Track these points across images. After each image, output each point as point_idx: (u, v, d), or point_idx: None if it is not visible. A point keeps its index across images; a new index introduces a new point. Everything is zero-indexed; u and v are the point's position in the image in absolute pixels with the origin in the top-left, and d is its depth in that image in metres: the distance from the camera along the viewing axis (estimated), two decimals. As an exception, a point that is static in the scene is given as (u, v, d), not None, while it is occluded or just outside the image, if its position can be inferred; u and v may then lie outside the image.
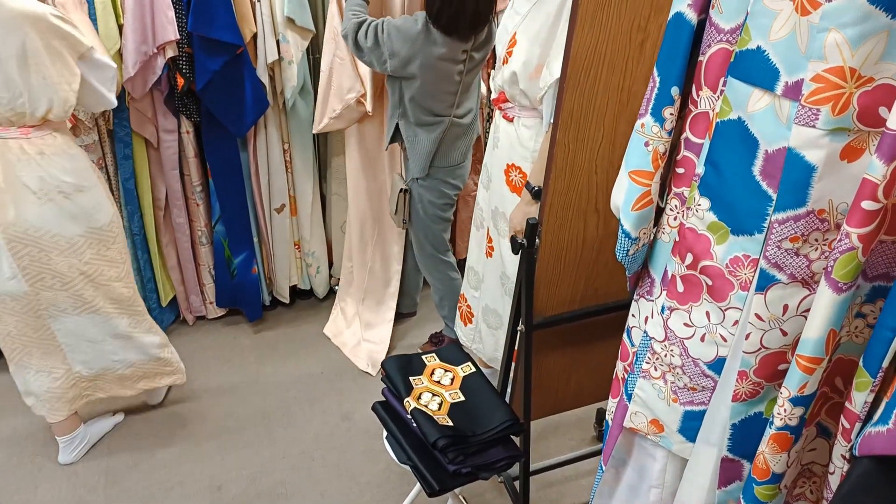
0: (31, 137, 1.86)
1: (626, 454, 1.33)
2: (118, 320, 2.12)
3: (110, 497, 2.14)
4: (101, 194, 2.01)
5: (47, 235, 1.92)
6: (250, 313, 2.91)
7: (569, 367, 2.06)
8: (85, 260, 2.00)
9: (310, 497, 2.16)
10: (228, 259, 2.78)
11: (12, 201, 1.86)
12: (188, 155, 2.58)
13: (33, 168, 1.86)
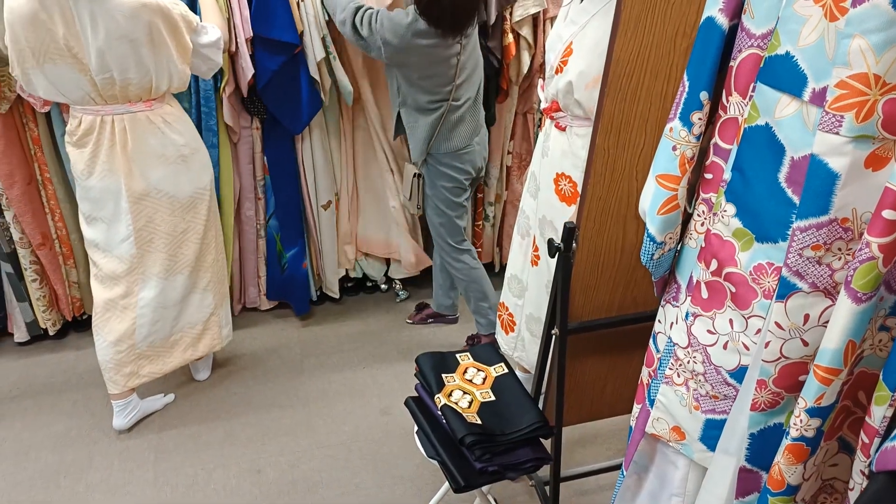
0: (153, 109, 2.11)
1: (649, 461, 1.32)
2: (189, 282, 2.33)
3: (157, 473, 2.25)
4: (206, 154, 2.29)
5: (165, 197, 2.19)
6: (298, 308, 3.00)
7: (605, 375, 2.05)
8: (187, 219, 2.26)
9: (345, 486, 2.21)
10: (280, 253, 2.88)
11: (140, 167, 2.12)
12: (255, 150, 2.70)
13: (158, 136, 2.12)
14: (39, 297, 2.73)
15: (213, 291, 2.42)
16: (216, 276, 2.42)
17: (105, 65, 1.96)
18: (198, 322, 2.41)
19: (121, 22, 1.90)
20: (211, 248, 2.37)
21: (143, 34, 1.94)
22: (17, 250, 2.64)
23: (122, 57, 1.96)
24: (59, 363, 2.75)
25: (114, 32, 1.91)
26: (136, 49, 1.96)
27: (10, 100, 2.37)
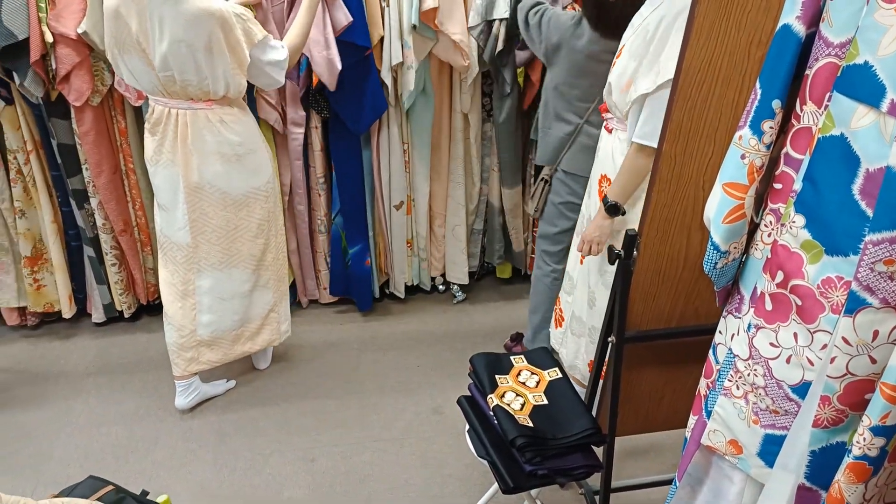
0: (213, 108, 2.17)
1: (703, 473, 1.30)
2: (248, 277, 2.40)
3: (217, 454, 2.34)
4: (264, 156, 2.34)
5: (217, 192, 2.25)
6: (361, 303, 3.07)
7: (661, 387, 2.01)
8: (240, 216, 2.31)
9: (395, 481, 2.25)
10: (345, 249, 2.95)
11: (197, 160, 2.20)
12: (315, 148, 2.77)
13: (215, 133, 2.18)
14: (117, 280, 2.88)
15: (272, 289, 2.49)
16: (276, 273, 2.49)
17: (167, 64, 2.04)
18: (257, 317, 2.49)
19: (183, 27, 1.97)
20: (270, 247, 2.44)
21: (201, 41, 2.00)
22: (99, 235, 2.80)
23: (182, 60, 2.03)
24: (132, 344, 2.90)
25: (176, 36, 1.98)
26: (194, 54, 2.02)
27: (102, 93, 2.52)
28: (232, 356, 2.51)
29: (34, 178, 2.65)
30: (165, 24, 1.97)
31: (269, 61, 2.16)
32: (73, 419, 2.49)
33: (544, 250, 2.60)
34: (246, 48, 2.08)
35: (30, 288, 2.83)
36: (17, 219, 2.70)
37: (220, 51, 2.04)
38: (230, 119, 2.20)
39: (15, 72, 2.37)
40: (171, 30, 1.98)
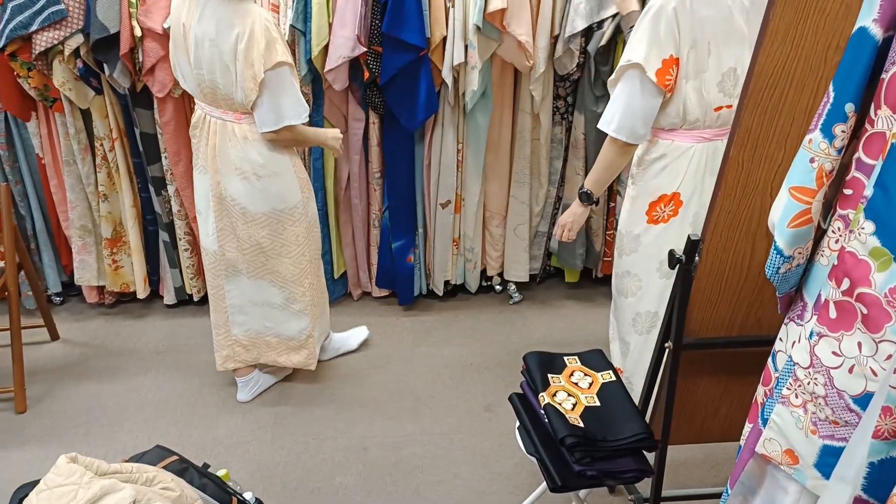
0: (241, 123, 2.11)
1: (757, 483, 1.27)
2: (278, 292, 2.36)
3: (275, 436, 2.43)
4: (292, 181, 2.22)
5: (237, 207, 2.21)
6: (401, 298, 3.11)
7: (719, 397, 1.98)
8: (263, 234, 2.25)
9: (444, 475, 2.28)
10: (391, 245, 2.99)
11: (220, 172, 2.18)
12: (372, 143, 2.84)
13: (237, 149, 2.13)
14: (189, 265, 3.02)
15: (309, 315, 2.44)
16: (314, 299, 2.44)
17: (199, 61, 2.03)
18: (294, 338, 2.48)
19: (216, 24, 1.95)
20: (307, 272, 2.37)
21: (228, 44, 1.96)
22: (174, 221, 2.94)
23: (211, 59, 2.00)
24: (199, 327, 3.03)
25: (208, 32, 1.97)
26: (222, 56, 1.98)
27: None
28: (266, 360, 2.52)
29: (117, 165, 2.80)
30: (205, 19, 1.97)
31: (275, 94, 2.01)
32: (142, 394, 2.63)
33: None
34: (260, 65, 1.96)
35: (108, 268, 2.99)
36: (101, 202, 2.87)
37: (240, 58, 1.97)
38: (253, 137, 2.12)
39: (105, 63, 2.53)
40: (205, 25, 1.97)
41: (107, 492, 1.42)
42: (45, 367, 2.76)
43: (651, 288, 2.09)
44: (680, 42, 1.79)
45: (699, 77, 1.85)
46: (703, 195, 1.98)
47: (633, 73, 1.83)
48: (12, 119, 2.74)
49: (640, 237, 2.05)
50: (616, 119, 1.88)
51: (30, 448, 2.36)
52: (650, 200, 2.00)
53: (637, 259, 2.07)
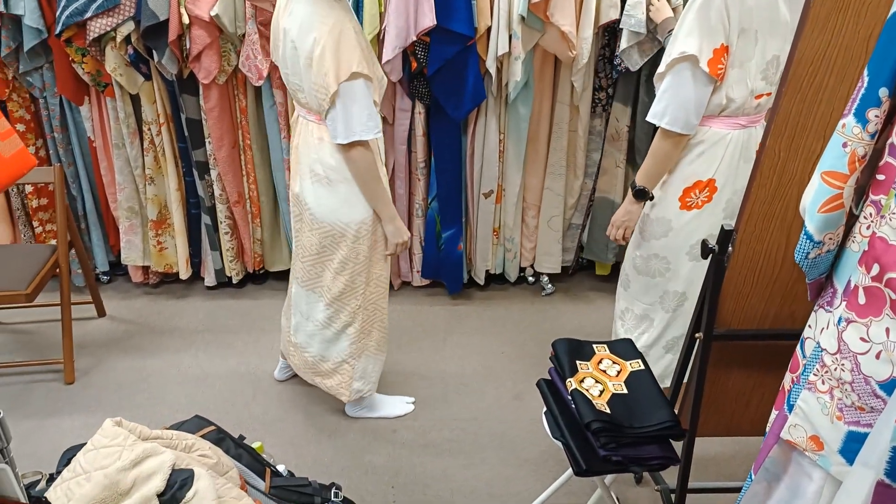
0: (320, 124, 2.01)
1: (781, 469, 1.27)
2: (323, 309, 2.25)
3: (307, 415, 2.50)
4: (359, 193, 2.06)
5: (307, 210, 2.13)
6: (451, 287, 3.15)
7: (749, 390, 1.96)
8: (324, 245, 2.14)
9: (471, 459, 2.31)
10: (438, 233, 3.04)
11: (299, 172, 2.13)
12: (417, 133, 2.87)
13: (313, 151, 2.05)
14: (229, 248, 3.11)
15: (349, 339, 2.28)
16: (359, 325, 2.27)
17: (284, 59, 1.97)
18: (330, 359, 2.33)
19: (298, 25, 1.88)
20: (356, 293, 2.21)
21: (305, 48, 1.87)
22: (216, 205, 3.03)
23: (292, 59, 1.93)
24: (238, 309, 3.12)
25: (292, 32, 1.89)
26: (297, 58, 1.91)
27: (228, 73, 2.73)
28: (301, 375, 2.46)
29: (164, 149, 2.90)
30: (291, 15, 1.92)
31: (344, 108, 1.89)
32: (183, 370, 2.72)
33: None
34: (335, 77, 1.85)
35: (153, 249, 3.10)
36: (147, 185, 2.97)
37: (314, 66, 1.87)
38: (328, 139, 2.00)
39: (154, 50, 2.62)
40: (291, 22, 1.91)
41: (148, 454, 1.50)
42: (92, 342, 2.88)
43: (680, 270, 2.09)
44: (730, 30, 1.78)
45: (744, 66, 1.85)
46: (737, 182, 1.98)
47: (685, 65, 1.82)
48: (67, 103, 2.86)
49: (672, 222, 2.04)
50: (669, 111, 1.87)
51: (77, 416, 2.47)
52: (685, 186, 2.00)
53: (667, 243, 2.07)
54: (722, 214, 2.01)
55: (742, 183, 1.99)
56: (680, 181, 2.01)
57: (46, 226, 3.07)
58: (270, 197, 3.11)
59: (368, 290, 2.23)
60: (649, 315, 2.22)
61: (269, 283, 3.32)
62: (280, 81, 2.76)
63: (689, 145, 1.98)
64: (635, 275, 2.20)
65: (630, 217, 2.11)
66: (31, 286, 2.45)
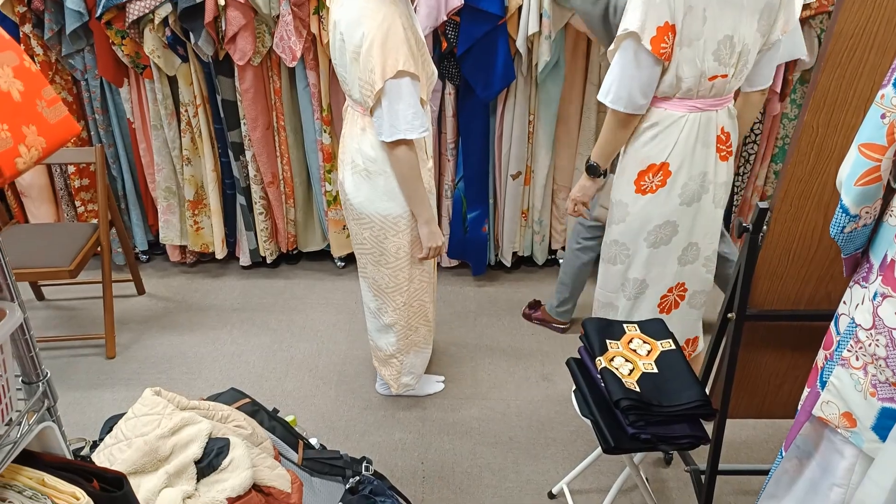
0: (364, 114, 1.97)
1: (813, 446, 1.26)
2: (373, 298, 2.27)
3: (339, 392, 2.54)
4: (397, 189, 2.03)
5: (348, 201, 2.12)
6: (475, 268, 3.16)
7: (783, 372, 1.94)
8: (366, 236, 2.13)
9: (499, 437, 2.33)
10: (464, 214, 3.05)
11: (343, 162, 2.11)
12: (447, 114, 2.87)
13: (355, 141, 2.02)
14: (263, 228, 3.16)
15: (397, 335, 2.29)
16: (405, 322, 2.27)
17: (333, 48, 1.95)
18: (382, 349, 2.35)
19: (349, 16, 1.85)
20: (402, 289, 2.20)
21: (353, 42, 1.84)
22: (251, 186, 3.08)
23: (340, 51, 1.91)
24: (271, 288, 3.18)
25: (341, 23, 1.87)
26: (344, 51, 1.89)
27: (262, 54, 2.76)
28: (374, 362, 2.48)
29: (200, 130, 2.95)
30: (342, 6, 1.87)
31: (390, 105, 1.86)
32: (218, 346, 2.79)
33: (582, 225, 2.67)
34: (381, 74, 1.82)
35: (190, 229, 3.17)
36: (184, 166, 3.03)
37: (361, 61, 1.84)
38: (372, 129, 1.96)
39: (191, 32, 2.66)
40: (342, 13, 1.87)
41: (186, 423, 1.54)
42: (132, 318, 2.97)
43: (639, 256, 2.04)
44: (675, 8, 1.71)
45: (693, 45, 1.77)
46: (693, 167, 1.91)
47: (629, 43, 1.78)
48: (107, 85, 2.93)
49: (628, 206, 1.99)
50: (613, 89, 1.83)
51: (118, 389, 2.55)
52: (639, 170, 1.94)
53: (625, 229, 2.02)
54: (678, 200, 1.94)
55: (700, 168, 1.92)
56: (634, 164, 1.95)
57: (88, 205, 3.16)
58: (304, 178, 3.15)
59: (412, 287, 2.22)
60: (613, 303, 2.18)
61: (301, 264, 3.38)
62: (314, 63, 2.78)
63: (642, 128, 1.92)
64: (601, 262, 2.17)
65: (583, 192, 2.09)
66: (74, 263, 2.53)
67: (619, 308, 2.18)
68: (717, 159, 1.94)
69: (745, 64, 1.85)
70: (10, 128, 0.68)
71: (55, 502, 0.88)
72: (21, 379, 0.97)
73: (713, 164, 1.94)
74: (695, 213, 1.98)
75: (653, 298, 2.11)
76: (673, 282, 2.09)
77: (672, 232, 2.00)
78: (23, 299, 0.93)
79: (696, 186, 1.94)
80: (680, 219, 1.98)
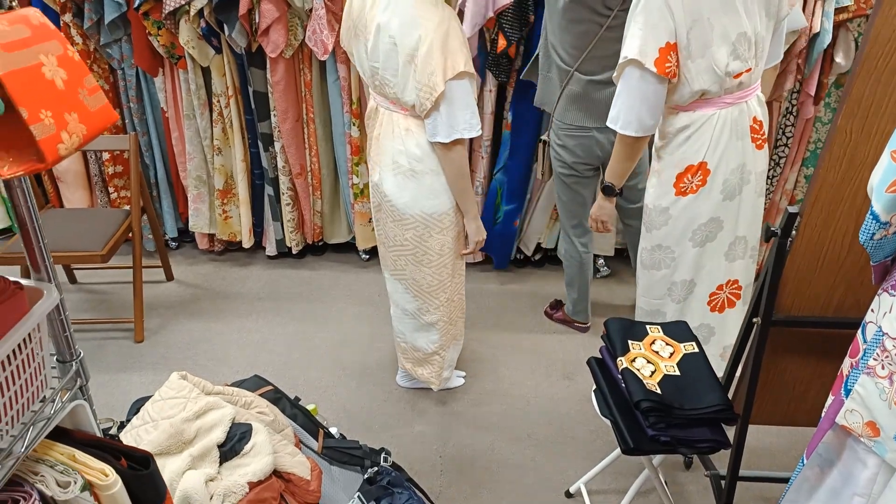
0: (407, 116, 1.97)
1: (835, 455, 1.24)
2: (412, 300, 2.24)
3: (361, 383, 2.57)
4: (443, 184, 2.04)
5: (388, 203, 2.09)
6: (499, 261, 3.16)
7: (808, 379, 1.91)
8: (408, 237, 2.11)
9: (518, 433, 2.33)
10: (498, 206, 3.04)
11: (380, 164, 2.07)
12: (486, 111, 2.87)
13: (398, 142, 2.00)
14: (289, 219, 3.20)
15: (440, 332, 2.29)
16: (448, 317, 2.28)
17: (376, 52, 1.90)
18: (421, 349, 2.35)
19: (400, 20, 1.82)
20: (445, 286, 2.20)
21: (408, 46, 1.82)
22: (279, 177, 3.12)
23: (387, 55, 1.87)
24: (297, 278, 3.22)
25: (390, 28, 1.84)
26: (398, 56, 1.85)
27: (294, 47, 2.79)
28: (400, 364, 2.47)
29: (231, 121, 3.00)
30: (388, 10, 1.84)
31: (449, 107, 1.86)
32: (244, 334, 2.84)
33: (567, 236, 2.69)
34: (442, 76, 1.81)
35: (219, 218, 3.22)
36: (215, 155, 3.08)
37: (418, 65, 1.83)
38: (418, 129, 1.96)
39: (225, 23, 2.70)
40: (388, 17, 1.84)
41: (211, 407, 1.58)
42: (160, 304, 3.03)
43: (685, 258, 2.06)
44: (676, 26, 1.73)
45: (706, 54, 1.78)
46: (731, 160, 1.93)
47: (632, 69, 1.79)
48: (142, 75, 2.99)
49: (669, 210, 2.00)
50: (622, 116, 1.85)
51: (145, 373, 2.61)
52: (677, 172, 1.95)
53: (668, 232, 2.03)
54: (720, 196, 1.96)
55: (738, 160, 1.94)
56: (672, 167, 1.96)
57: (121, 192, 3.22)
58: (331, 170, 3.18)
59: (454, 283, 2.24)
60: (660, 310, 2.19)
61: (327, 255, 3.41)
62: (345, 56, 2.80)
63: (673, 132, 1.93)
64: (642, 270, 2.18)
65: (603, 211, 2.14)
66: (106, 247, 2.59)
67: (666, 314, 2.18)
68: (754, 149, 1.96)
69: (763, 50, 1.88)
70: (54, 115, 0.70)
71: (85, 478, 0.91)
72: (55, 358, 1.01)
73: (751, 155, 1.96)
74: (738, 207, 2.00)
75: (702, 297, 2.12)
76: (723, 279, 2.11)
77: (717, 228, 2.02)
78: (59, 281, 0.96)
79: (736, 180, 1.95)
80: (724, 214, 1.99)
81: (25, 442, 0.86)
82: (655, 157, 2.03)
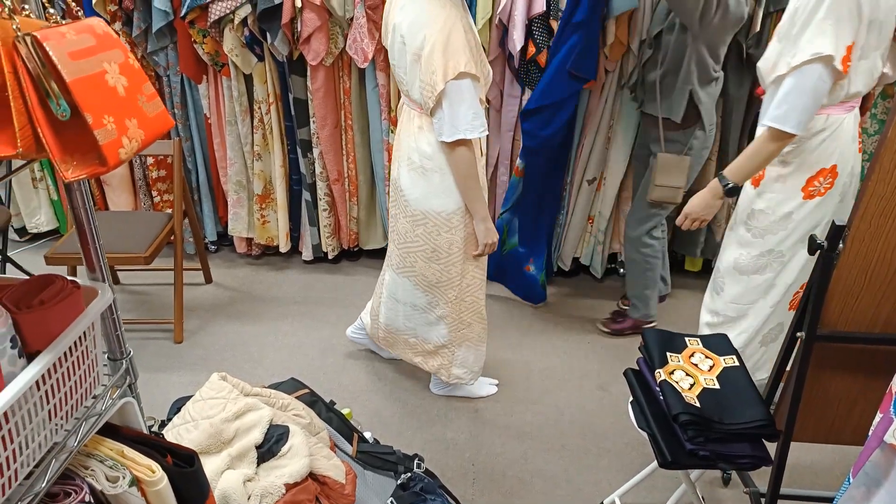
0: (421, 113, 2.04)
1: (882, 475, 1.21)
2: (421, 294, 2.28)
3: (394, 389, 2.57)
4: (453, 184, 2.07)
5: (402, 198, 2.16)
6: (534, 301, 3.10)
7: (854, 396, 1.86)
8: (417, 233, 2.17)
9: (552, 444, 2.32)
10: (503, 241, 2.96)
11: (398, 159, 2.15)
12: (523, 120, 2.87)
13: (412, 139, 2.07)
14: (326, 224, 3.23)
15: (448, 327, 2.32)
16: (456, 315, 2.30)
17: (392, 50, 1.99)
18: (431, 341, 2.37)
19: (411, 20, 1.89)
20: (454, 283, 2.23)
21: (414, 45, 1.89)
22: (316, 183, 3.16)
23: (400, 53, 1.96)
24: (332, 283, 3.25)
25: (402, 26, 1.91)
26: (405, 53, 1.93)
27: (334, 55, 2.84)
28: (404, 358, 2.49)
29: (272, 127, 3.05)
30: (403, 9, 1.92)
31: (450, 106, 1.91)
32: (279, 337, 2.87)
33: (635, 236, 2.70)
34: (443, 76, 1.87)
35: (257, 222, 3.27)
36: (255, 161, 3.14)
37: (422, 64, 1.89)
38: (429, 127, 2.02)
39: (268, 32, 2.75)
40: (402, 17, 1.92)
41: (250, 409, 1.60)
42: (199, 306, 3.09)
43: (795, 260, 2.05)
44: (860, 24, 1.71)
45: (871, 56, 1.78)
46: (850, 163, 1.95)
47: (816, 66, 1.73)
48: (187, 81, 3.06)
49: (793, 214, 1.98)
50: (794, 115, 1.78)
51: (184, 373, 2.66)
52: (808, 176, 1.94)
53: (786, 236, 2.02)
54: (838, 198, 1.98)
55: (852, 163, 1.96)
56: (802, 171, 1.95)
57: (164, 196, 3.30)
58: (368, 177, 3.21)
59: (464, 282, 2.25)
60: (747, 314, 2.15)
61: (362, 261, 3.44)
62: (384, 64, 2.83)
63: (811, 135, 1.92)
64: (735, 276, 2.13)
65: (709, 212, 2.04)
66: (149, 250, 2.65)
67: (752, 317, 2.16)
68: (856, 151, 1.97)
69: None
70: (116, 120, 0.73)
71: (133, 473, 0.93)
72: (107, 356, 1.03)
73: (858, 158, 1.99)
74: (845, 208, 2.03)
75: (789, 298, 2.12)
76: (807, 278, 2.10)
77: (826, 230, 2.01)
78: (112, 282, 0.98)
79: (848, 181, 1.97)
80: (837, 216, 2.01)
81: (78, 437, 0.89)
82: (779, 161, 1.98)
